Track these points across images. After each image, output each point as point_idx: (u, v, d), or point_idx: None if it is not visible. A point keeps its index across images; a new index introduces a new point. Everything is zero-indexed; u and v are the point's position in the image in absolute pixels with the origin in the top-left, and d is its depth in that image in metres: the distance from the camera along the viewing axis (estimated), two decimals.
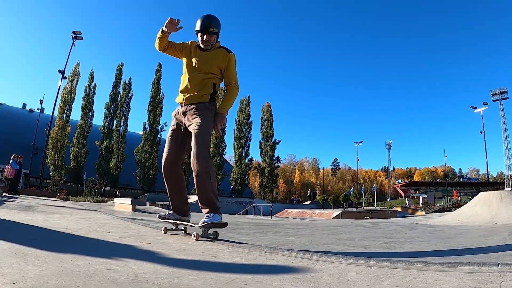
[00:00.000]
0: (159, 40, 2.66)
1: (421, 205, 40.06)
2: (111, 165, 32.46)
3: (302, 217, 16.76)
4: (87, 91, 32.59)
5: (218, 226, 2.45)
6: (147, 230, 3.04)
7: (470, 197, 33.95)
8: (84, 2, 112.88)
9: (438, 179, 78.77)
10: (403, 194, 70.43)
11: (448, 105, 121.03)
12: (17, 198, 9.21)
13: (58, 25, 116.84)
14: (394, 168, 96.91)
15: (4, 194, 11.35)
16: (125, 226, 3.29)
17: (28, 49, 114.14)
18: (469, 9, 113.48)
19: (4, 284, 1.06)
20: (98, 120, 34.92)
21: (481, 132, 36.59)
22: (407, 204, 43.95)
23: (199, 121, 2.50)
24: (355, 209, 30.41)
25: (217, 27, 2.61)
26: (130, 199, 13.79)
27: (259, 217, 14.05)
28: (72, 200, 16.49)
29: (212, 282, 1.22)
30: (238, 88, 2.68)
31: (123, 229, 3.03)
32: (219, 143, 34.54)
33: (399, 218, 17.19)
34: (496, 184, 57.30)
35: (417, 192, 66.01)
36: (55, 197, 15.65)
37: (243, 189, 36.95)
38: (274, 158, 40.00)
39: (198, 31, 2.58)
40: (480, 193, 8.96)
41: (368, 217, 17.47)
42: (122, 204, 13.20)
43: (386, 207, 40.64)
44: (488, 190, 12.37)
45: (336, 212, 17.25)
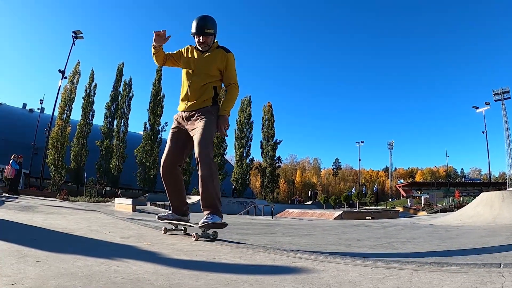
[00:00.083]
0: (155, 56, 2.73)
1: (423, 205, 39.93)
2: (111, 165, 32.45)
3: (303, 217, 16.75)
4: (88, 91, 32.52)
5: (218, 226, 2.45)
6: (147, 230, 3.04)
7: (472, 197, 33.82)
8: (84, 2, 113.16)
9: (440, 179, 78.59)
10: (404, 194, 70.25)
11: (448, 105, 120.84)
12: (17, 198, 9.22)
13: (58, 25, 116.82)
14: (396, 168, 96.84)
15: (4, 194, 11.36)
16: (125, 227, 3.29)
17: (28, 49, 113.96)
18: (469, 9, 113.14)
19: (4, 285, 1.06)
20: (98, 120, 34.89)
21: (483, 132, 36.49)
22: (409, 204, 43.78)
23: (202, 124, 2.50)
24: (356, 210, 30.38)
25: (213, 28, 2.60)
26: (131, 199, 13.80)
27: (260, 217, 14.04)
28: (72, 200, 16.52)
29: (213, 283, 1.21)
30: (238, 88, 2.68)
31: (123, 229, 3.03)
32: (220, 143, 34.52)
33: (400, 218, 17.15)
34: (498, 184, 57.03)
35: (419, 192, 65.84)
36: (55, 197, 15.68)
37: (244, 189, 36.93)
38: (275, 158, 40.00)
39: (194, 33, 2.58)
40: (482, 193, 8.91)
41: (370, 218, 17.46)
42: (123, 205, 13.22)
43: (387, 208, 40.47)
44: (490, 190, 12.33)
45: (338, 213, 17.23)
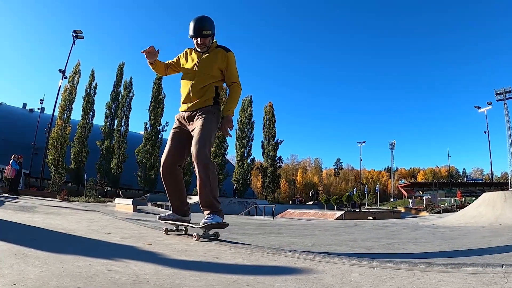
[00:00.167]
0: (155, 70, 2.82)
1: (424, 205, 39.80)
2: (112, 165, 32.46)
3: (304, 217, 16.71)
4: (88, 90, 32.52)
5: (219, 226, 2.45)
6: (148, 230, 3.03)
7: (474, 198, 33.79)
8: (84, 2, 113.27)
9: (441, 180, 78.34)
10: (406, 194, 70.17)
11: (448, 105, 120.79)
12: (17, 198, 9.22)
13: (58, 25, 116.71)
14: (397, 168, 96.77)
15: (4, 194, 11.38)
16: (126, 227, 3.29)
17: (28, 49, 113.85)
18: (469, 9, 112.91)
19: (4, 285, 1.06)
20: (99, 120, 34.80)
21: (485, 132, 36.41)
22: (411, 204, 43.67)
23: (201, 124, 2.50)
24: (358, 210, 30.31)
25: (210, 28, 2.60)
26: (131, 199, 13.80)
27: (261, 217, 14.02)
28: (72, 201, 16.53)
29: (214, 283, 1.21)
30: (240, 87, 2.68)
31: (124, 229, 3.02)
32: (221, 143, 34.51)
33: (402, 218, 17.08)
34: (500, 185, 56.93)
35: (421, 192, 65.80)
36: (55, 198, 15.67)
37: (245, 190, 36.92)
38: (277, 158, 39.99)
39: (192, 36, 2.58)
40: (484, 194, 8.87)
41: (371, 218, 17.41)
42: (123, 205, 13.21)
43: (389, 208, 40.38)
44: (492, 191, 12.30)
45: (339, 213, 17.18)
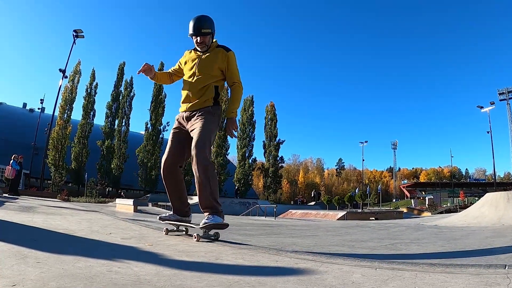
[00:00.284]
0: (159, 82, 2.99)
1: (427, 206, 39.78)
2: (112, 166, 32.52)
3: (306, 218, 16.69)
4: (88, 90, 32.62)
5: (219, 227, 2.44)
6: (149, 231, 3.03)
7: (476, 198, 33.62)
8: (84, 2, 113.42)
9: (444, 180, 77.93)
10: (408, 194, 69.90)
11: (448, 105, 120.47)
12: (17, 198, 9.23)
13: (58, 24, 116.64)
14: (399, 169, 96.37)
15: (4, 194, 11.38)
16: (126, 227, 3.28)
17: (28, 49, 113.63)
18: (469, 9, 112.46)
19: (4, 286, 1.06)
20: (99, 119, 35.01)
21: (488, 132, 36.15)
22: (413, 205, 43.53)
23: (200, 124, 2.49)
24: (360, 210, 30.29)
25: (210, 27, 2.59)
26: (132, 200, 13.83)
27: (263, 218, 14.02)
28: (73, 201, 16.60)
29: (215, 284, 1.20)
30: (242, 87, 2.68)
31: (124, 230, 3.02)
32: (222, 143, 34.55)
33: (404, 219, 17.05)
34: (503, 185, 56.56)
35: (423, 192, 65.50)
36: (55, 198, 15.73)
37: (246, 190, 36.93)
38: (278, 158, 40.00)
39: (191, 35, 2.58)
40: (487, 194, 8.84)
41: (374, 218, 17.38)
42: (124, 205, 13.26)
43: (391, 208, 40.35)
44: (495, 191, 12.24)
45: (341, 213, 17.17)
